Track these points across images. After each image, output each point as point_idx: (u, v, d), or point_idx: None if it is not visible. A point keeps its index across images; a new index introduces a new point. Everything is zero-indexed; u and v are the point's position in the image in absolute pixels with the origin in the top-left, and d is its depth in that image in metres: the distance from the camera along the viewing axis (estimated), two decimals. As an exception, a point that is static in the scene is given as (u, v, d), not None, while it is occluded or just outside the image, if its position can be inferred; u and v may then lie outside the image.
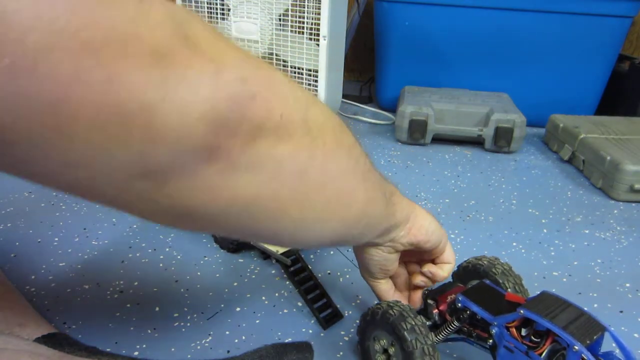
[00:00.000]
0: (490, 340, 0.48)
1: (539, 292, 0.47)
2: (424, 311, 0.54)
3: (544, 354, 0.43)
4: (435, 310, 0.52)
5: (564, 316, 0.42)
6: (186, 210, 0.28)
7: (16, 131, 0.20)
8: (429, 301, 0.53)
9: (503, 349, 0.46)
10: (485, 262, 0.57)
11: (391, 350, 0.50)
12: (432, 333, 0.50)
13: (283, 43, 1.24)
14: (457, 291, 0.51)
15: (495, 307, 0.47)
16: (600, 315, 0.65)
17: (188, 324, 0.60)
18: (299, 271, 0.65)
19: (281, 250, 0.66)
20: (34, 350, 0.40)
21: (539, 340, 0.44)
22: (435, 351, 0.47)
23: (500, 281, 0.55)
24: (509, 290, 0.54)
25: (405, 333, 0.47)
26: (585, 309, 0.44)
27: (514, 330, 0.45)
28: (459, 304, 0.49)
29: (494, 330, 0.46)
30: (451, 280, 0.59)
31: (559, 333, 0.41)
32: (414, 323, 0.47)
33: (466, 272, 0.58)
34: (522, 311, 0.43)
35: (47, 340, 0.52)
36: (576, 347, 0.40)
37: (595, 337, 0.42)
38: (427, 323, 0.51)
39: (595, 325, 0.43)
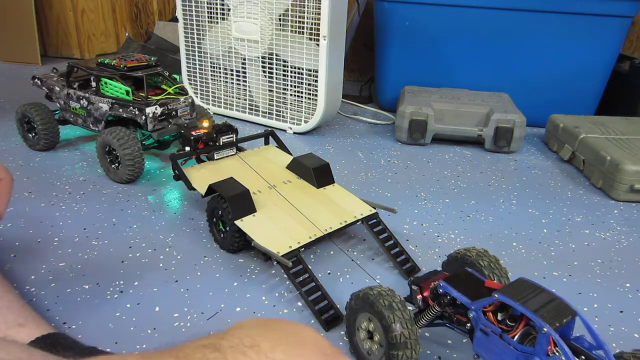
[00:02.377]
0: (469, 324, 0.50)
1: (516, 278, 0.49)
2: (409, 297, 0.56)
3: (516, 336, 0.45)
4: (419, 296, 0.54)
5: (536, 300, 0.44)
6: None
7: None
8: (414, 287, 0.55)
9: (479, 332, 0.48)
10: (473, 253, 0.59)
11: (371, 327, 0.52)
12: (416, 318, 0.53)
13: (283, 43, 1.24)
14: (441, 278, 0.53)
15: (475, 293, 0.49)
16: (600, 315, 0.66)
17: (188, 324, 0.60)
18: (300, 273, 0.65)
19: (282, 252, 0.66)
20: (29, 359, 0.40)
21: (514, 324, 0.46)
22: (405, 308, 0.49)
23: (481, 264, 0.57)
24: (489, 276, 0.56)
25: (372, 298, 0.50)
26: (585, 308, 0.44)
27: (490, 314, 0.47)
28: (440, 290, 0.52)
29: (471, 315, 0.49)
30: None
31: (530, 316, 0.43)
32: (380, 289, 0.51)
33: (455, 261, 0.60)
34: (496, 295, 0.45)
35: (44, 340, 0.51)
36: (545, 329, 0.42)
37: (565, 321, 0.43)
38: (413, 309, 0.54)
39: (566, 310, 0.44)
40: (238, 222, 0.71)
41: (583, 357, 0.43)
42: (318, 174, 0.83)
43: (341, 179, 1.04)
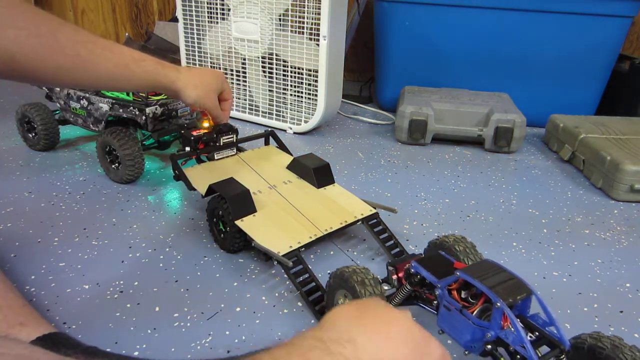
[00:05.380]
0: (435, 302, 0.53)
1: (482, 260, 0.52)
2: (386, 278, 0.59)
3: (475, 312, 0.48)
4: (395, 276, 0.58)
5: (494, 279, 0.47)
6: None
7: None
8: (390, 268, 0.59)
9: (443, 308, 0.51)
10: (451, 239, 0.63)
11: (346, 303, 0.54)
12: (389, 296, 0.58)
13: (283, 43, 1.24)
14: (414, 260, 0.57)
15: (444, 273, 0.52)
16: (600, 315, 0.66)
17: (188, 324, 0.60)
18: (300, 273, 0.65)
19: (282, 251, 0.66)
20: (31, 355, 0.40)
21: (475, 301, 0.49)
22: (377, 284, 0.53)
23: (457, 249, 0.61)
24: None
25: (347, 275, 0.55)
26: (585, 308, 0.44)
27: (454, 292, 0.50)
28: (412, 270, 0.55)
29: (437, 292, 0.52)
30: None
31: (485, 291, 0.46)
32: (355, 267, 0.55)
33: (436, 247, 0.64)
34: (458, 273, 0.49)
35: (45, 339, 0.52)
36: (498, 304, 0.45)
37: (519, 298, 0.46)
38: (390, 289, 0.59)
39: (521, 288, 0.47)
40: (238, 222, 0.71)
41: (537, 332, 0.47)
42: (318, 174, 0.83)
43: (341, 179, 1.04)
